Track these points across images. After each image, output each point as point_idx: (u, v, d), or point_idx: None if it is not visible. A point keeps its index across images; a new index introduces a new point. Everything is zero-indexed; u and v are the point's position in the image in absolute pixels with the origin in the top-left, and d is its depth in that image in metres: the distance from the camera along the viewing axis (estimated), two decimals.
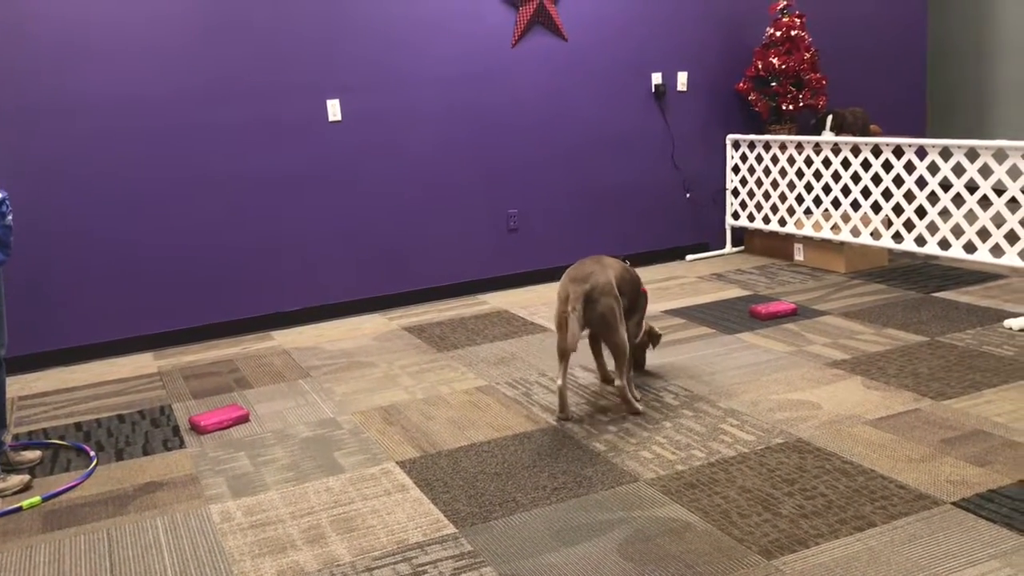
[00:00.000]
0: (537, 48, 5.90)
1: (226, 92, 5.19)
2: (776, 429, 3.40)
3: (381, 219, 5.65)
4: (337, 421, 3.84)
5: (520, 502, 2.97)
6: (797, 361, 4.14)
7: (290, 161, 5.38)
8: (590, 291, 3.55)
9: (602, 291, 3.57)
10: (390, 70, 5.54)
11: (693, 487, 2.99)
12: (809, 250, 5.98)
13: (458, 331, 5.08)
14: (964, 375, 3.80)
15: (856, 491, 2.87)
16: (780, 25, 6.20)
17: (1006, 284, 5.16)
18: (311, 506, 3.07)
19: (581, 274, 3.61)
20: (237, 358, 4.91)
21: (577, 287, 3.56)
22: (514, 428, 3.61)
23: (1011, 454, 3.04)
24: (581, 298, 3.54)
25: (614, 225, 6.30)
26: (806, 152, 5.87)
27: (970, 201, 4.94)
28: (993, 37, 7.94)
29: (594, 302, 3.56)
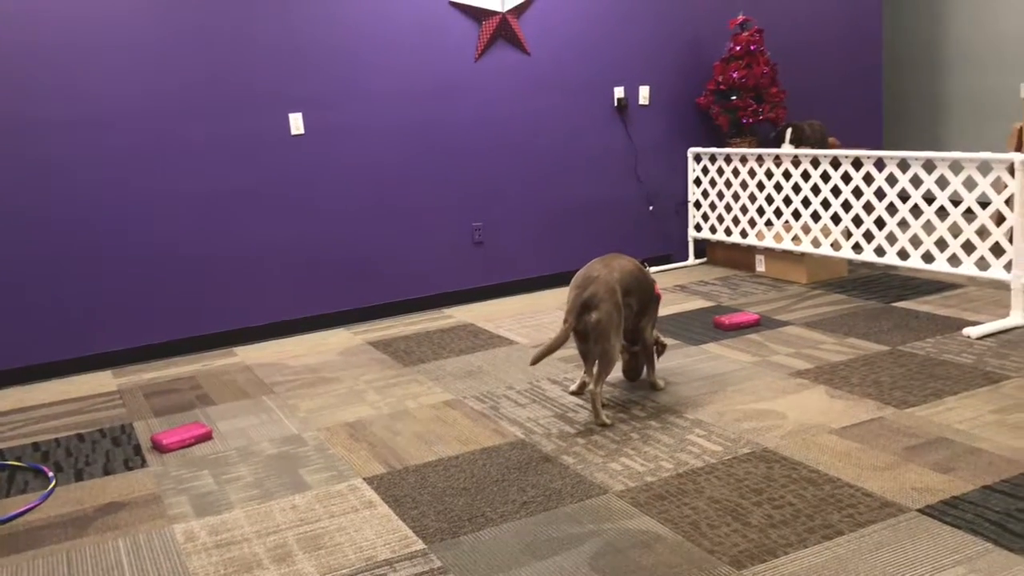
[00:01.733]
0: (500, 62, 5.92)
1: (187, 106, 5.13)
2: (743, 439, 3.41)
3: (345, 233, 5.62)
4: (302, 438, 3.80)
5: (489, 517, 2.96)
6: (761, 371, 4.17)
7: (252, 174, 5.33)
8: (588, 299, 3.62)
9: (601, 298, 3.61)
10: (353, 83, 5.52)
11: (662, 498, 2.99)
12: (770, 261, 6.04)
13: (424, 345, 5.05)
14: (925, 383, 3.85)
15: (823, 500, 2.89)
16: (740, 40, 6.28)
17: (964, 293, 5.25)
18: (277, 524, 3.02)
19: (585, 280, 3.68)
20: (199, 375, 4.84)
21: (578, 295, 3.64)
22: (482, 442, 3.59)
23: (973, 460, 3.08)
24: (576, 309, 3.61)
25: (578, 237, 6.32)
26: (766, 165, 5.94)
27: (928, 212, 5.02)
28: (946, 49, 8.10)
29: (591, 309, 3.60)
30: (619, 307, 3.68)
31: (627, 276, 3.79)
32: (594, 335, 3.65)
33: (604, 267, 3.74)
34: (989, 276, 4.74)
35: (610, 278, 3.69)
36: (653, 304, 3.99)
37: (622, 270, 3.78)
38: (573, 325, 3.66)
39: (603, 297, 3.62)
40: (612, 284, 3.67)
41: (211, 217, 5.27)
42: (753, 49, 6.25)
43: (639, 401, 3.92)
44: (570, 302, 3.68)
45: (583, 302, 3.63)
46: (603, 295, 3.63)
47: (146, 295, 5.16)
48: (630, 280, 3.80)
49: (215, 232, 5.29)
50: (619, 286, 3.71)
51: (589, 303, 3.62)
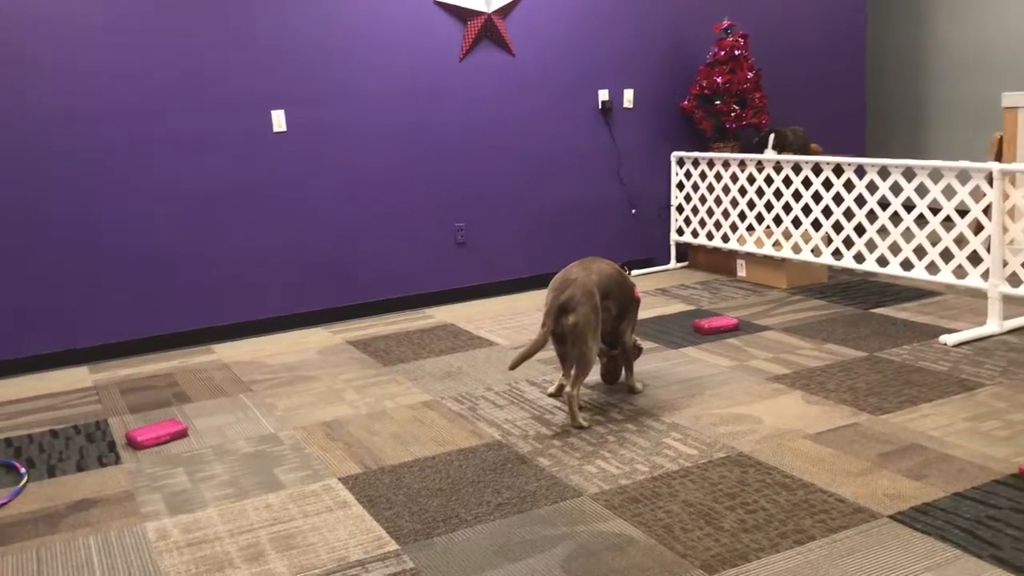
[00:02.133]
0: (485, 63, 5.92)
1: (168, 102, 5.10)
2: (718, 443, 3.42)
3: (326, 231, 5.60)
4: (278, 436, 3.78)
5: (464, 518, 2.95)
6: (739, 376, 4.18)
7: (234, 172, 5.31)
8: (566, 301, 3.62)
9: (579, 300, 3.62)
10: (337, 81, 5.50)
11: (636, 501, 2.99)
12: (751, 266, 6.06)
13: (403, 345, 5.05)
14: (901, 390, 3.87)
15: (796, 505, 2.90)
16: (724, 44, 6.30)
17: (942, 300, 5.29)
18: (250, 523, 3.01)
19: (563, 283, 3.69)
20: (176, 372, 4.81)
21: (556, 298, 3.64)
22: (459, 443, 3.59)
23: (945, 467, 3.10)
24: (554, 311, 3.63)
25: (561, 239, 6.32)
26: (748, 170, 5.96)
27: (907, 219, 5.05)
28: (930, 57, 8.16)
29: (569, 312, 3.61)
30: (597, 310, 3.68)
31: (606, 279, 3.80)
32: (571, 338, 3.65)
33: (583, 270, 3.75)
34: (967, 284, 4.77)
35: (588, 281, 3.69)
36: (633, 308, 3.99)
37: (600, 273, 3.79)
38: (551, 328, 3.66)
39: (581, 300, 3.63)
40: (590, 287, 3.68)
41: (192, 215, 5.24)
42: (737, 54, 6.27)
43: (616, 404, 3.92)
44: (548, 305, 3.69)
45: (560, 304, 3.64)
46: (581, 298, 3.63)
47: (125, 291, 5.13)
48: (609, 283, 3.80)
49: (196, 229, 5.26)
50: (597, 289, 3.71)
51: (566, 306, 3.63)
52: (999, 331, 4.58)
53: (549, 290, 3.74)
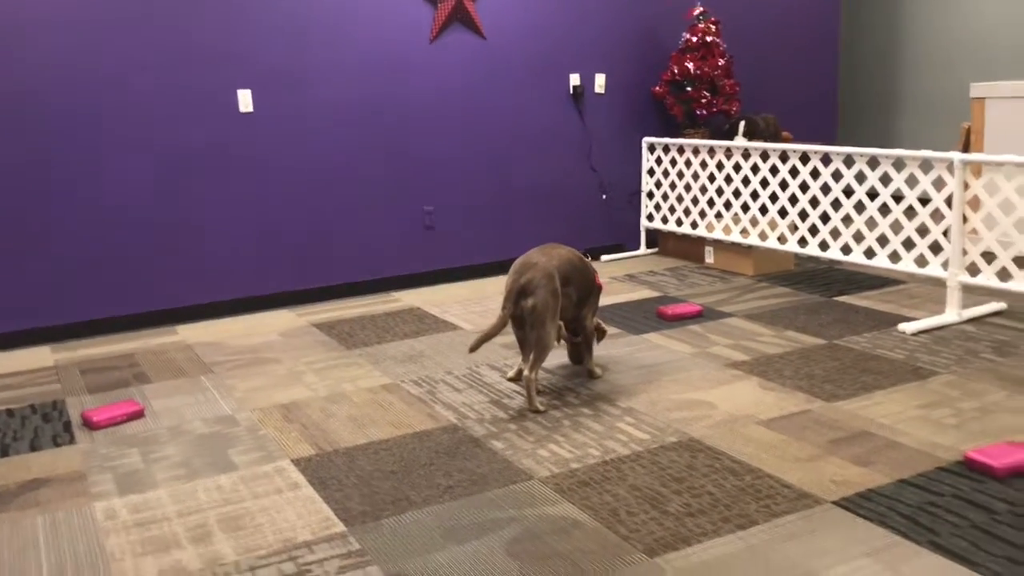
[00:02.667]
0: (455, 45, 5.89)
1: (131, 79, 5.06)
2: (671, 428, 3.45)
3: (293, 213, 5.58)
4: (235, 418, 3.78)
5: (413, 500, 2.96)
6: (698, 362, 4.21)
7: (199, 151, 5.28)
8: (525, 284, 3.64)
9: (538, 284, 3.64)
10: (306, 62, 5.47)
11: (585, 485, 3.01)
12: (719, 253, 6.08)
13: (368, 328, 5.04)
14: (857, 377, 3.90)
15: (742, 490, 2.92)
16: (696, 31, 6.30)
17: (905, 289, 5.33)
18: (199, 504, 3.01)
19: (523, 266, 3.71)
20: (138, 352, 4.79)
21: (515, 281, 3.66)
22: (415, 426, 3.60)
23: (892, 454, 3.13)
24: (513, 295, 3.64)
25: (531, 224, 6.32)
26: (718, 156, 5.97)
27: (871, 208, 5.08)
28: (903, 49, 8.19)
29: (528, 295, 3.63)
30: (556, 294, 3.69)
31: (566, 265, 3.81)
32: (530, 321, 3.67)
33: (543, 255, 3.77)
34: (927, 273, 4.81)
35: (549, 266, 3.71)
36: (594, 294, 4.01)
37: (561, 259, 3.80)
38: (511, 311, 3.67)
39: (540, 283, 3.64)
40: (550, 271, 3.69)
41: (157, 195, 5.21)
42: (709, 41, 6.27)
43: (574, 388, 3.94)
44: (507, 288, 3.70)
45: (520, 288, 3.65)
46: (540, 281, 3.65)
47: (88, 271, 5.10)
48: (569, 269, 3.82)
49: (161, 210, 5.23)
50: (558, 274, 3.73)
51: (526, 289, 3.65)
52: (957, 320, 4.62)
53: (509, 274, 3.75)
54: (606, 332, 4.21)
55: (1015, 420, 3.38)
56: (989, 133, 5.99)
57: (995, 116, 5.94)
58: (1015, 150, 5.77)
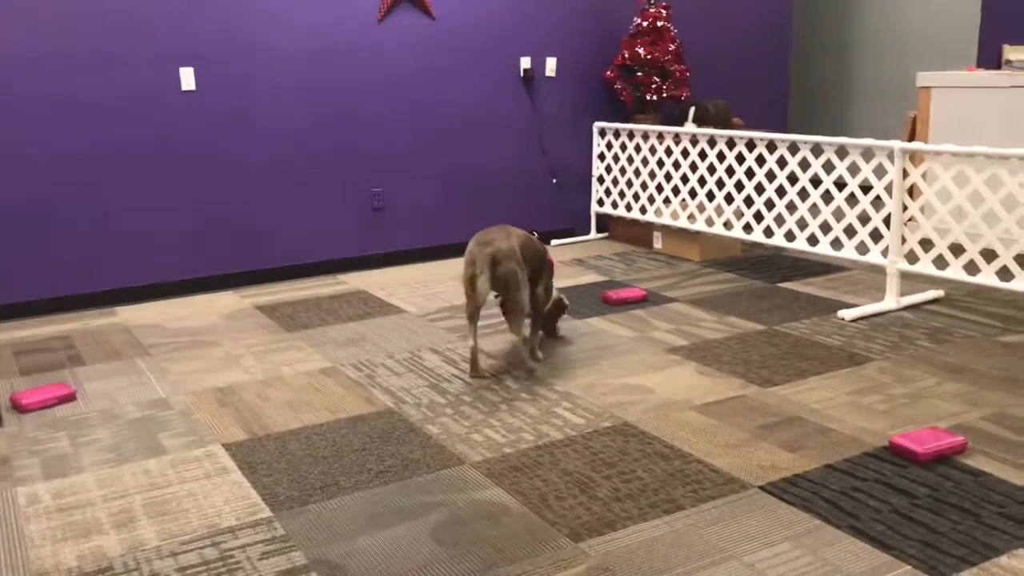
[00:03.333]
0: (404, 25, 5.83)
1: (69, 57, 4.94)
2: (606, 413, 3.46)
3: (238, 194, 5.50)
4: (168, 402, 3.73)
5: (342, 485, 2.94)
6: (638, 346, 4.22)
7: (141, 130, 5.18)
8: (494, 254, 3.73)
9: (505, 255, 3.75)
10: (249, 40, 5.38)
11: (517, 470, 3.01)
12: (667, 238, 6.11)
13: (311, 311, 5.00)
14: (792, 363, 3.94)
15: (671, 475, 2.94)
16: (647, 15, 6.29)
17: (848, 276, 5.39)
18: (125, 489, 2.97)
19: (486, 239, 3.81)
20: (74, 334, 4.71)
21: (482, 251, 3.74)
22: (350, 411, 3.57)
23: (822, 440, 3.17)
24: (487, 261, 3.71)
25: (481, 207, 6.30)
26: (667, 142, 5.98)
27: (814, 195, 5.12)
28: (853, 37, 8.25)
29: (497, 264, 3.73)
30: (521, 266, 3.81)
31: (523, 241, 3.93)
32: (504, 286, 3.77)
33: (501, 231, 3.89)
34: (868, 260, 4.86)
35: (510, 241, 3.83)
36: (546, 271, 4.10)
37: (518, 236, 3.93)
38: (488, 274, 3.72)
39: (507, 255, 3.76)
40: (512, 245, 3.81)
41: (98, 173, 5.11)
42: (660, 25, 6.27)
43: (514, 373, 3.93)
44: (477, 257, 3.74)
45: (491, 258, 3.72)
46: (506, 252, 3.76)
47: (26, 250, 4.99)
48: (524, 247, 3.92)
49: (102, 188, 5.13)
50: (518, 248, 3.84)
51: (496, 257, 3.74)
52: (896, 307, 4.68)
53: (475, 245, 3.80)
54: (567, 306, 4.35)
55: (943, 406, 3.43)
56: (935, 122, 6.06)
57: (941, 105, 6.01)
58: (960, 139, 5.85)
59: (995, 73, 5.87)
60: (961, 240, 4.42)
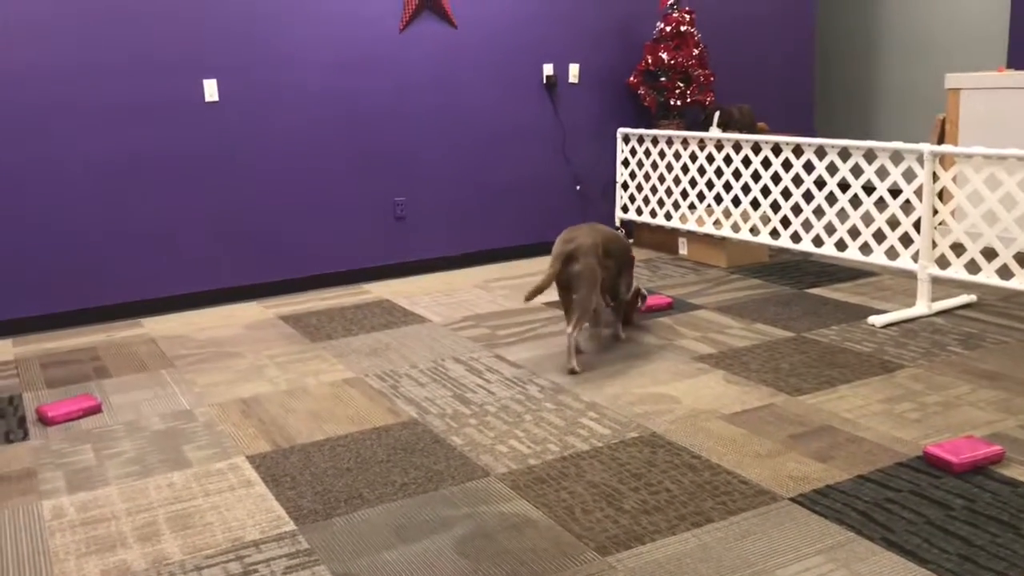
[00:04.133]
0: (426, 34, 5.82)
1: (98, 67, 4.97)
2: (633, 423, 3.41)
3: (262, 204, 5.51)
4: (193, 413, 3.72)
5: (366, 498, 2.92)
6: (665, 354, 4.17)
7: (165, 141, 5.20)
8: (573, 251, 3.97)
9: (584, 252, 3.98)
10: (273, 50, 5.39)
11: (542, 482, 2.97)
12: (693, 245, 6.05)
13: (335, 321, 4.99)
14: (822, 371, 3.88)
15: (700, 486, 2.89)
16: (670, 20, 6.24)
17: (877, 281, 5.30)
18: (150, 502, 2.96)
19: (570, 236, 4.06)
20: (100, 346, 4.72)
21: (562, 247, 4.00)
22: (374, 422, 3.55)
23: (853, 449, 3.11)
24: (562, 256, 3.96)
25: (504, 215, 6.27)
26: (691, 147, 5.93)
27: (842, 200, 5.05)
28: (878, 40, 8.16)
29: (574, 260, 3.96)
30: (598, 264, 4.02)
31: (609, 238, 4.20)
32: (575, 284, 3.99)
33: (589, 228, 4.14)
34: (898, 266, 4.78)
35: (594, 238, 4.06)
36: (629, 265, 4.41)
37: (604, 234, 4.19)
38: (558, 270, 3.96)
39: (586, 252, 3.98)
40: (594, 242, 4.04)
41: (124, 184, 5.13)
42: (683, 31, 6.22)
43: (540, 383, 3.90)
44: (555, 253, 4.00)
45: (567, 253, 3.97)
46: (586, 250, 3.99)
47: (52, 263, 5.02)
48: (610, 243, 4.19)
49: (128, 199, 5.15)
50: (601, 246, 4.08)
51: (573, 255, 3.97)
52: (927, 313, 4.60)
53: (557, 242, 4.05)
54: (645, 296, 4.59)
55: (977, 414, 3.36)
56: (964, 124, 5.96)
57: (970, 107, 5.92)
58: (990, 141, 5.75)
59: None
60: (993, 244, 4.34)
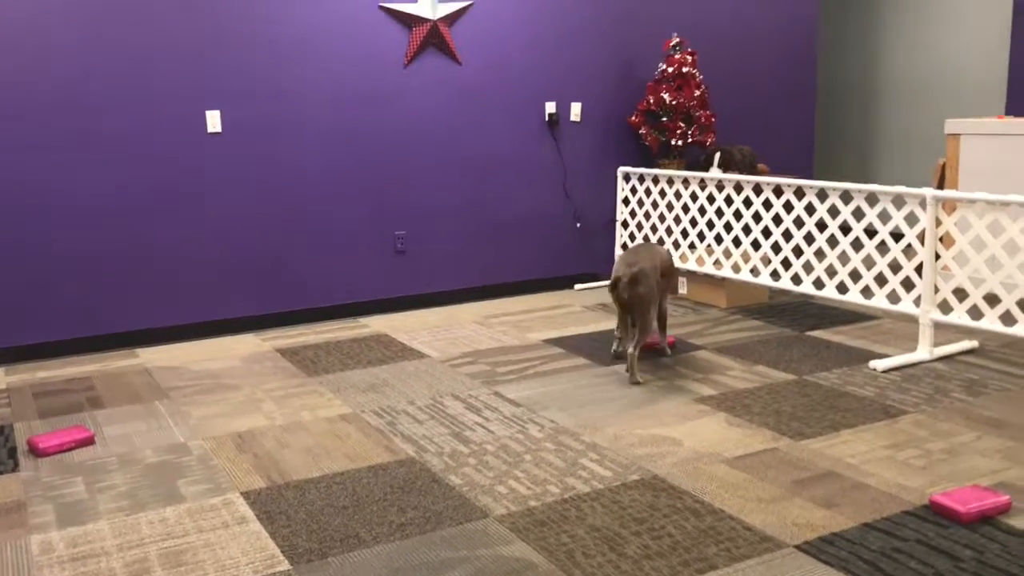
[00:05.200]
0: (430, 70, 5.84)
1: (99, 98, 4.97)
2: (634, 465, 3.36)
3: (261, 236, 5.49)
4: (187, 446, 3.67)
5: (363, 538, 2.86)
6: (666, 395, 4.13)
7: (165, 171, 5.18)
8: (637, 274, 4.29)
9: (646, 274, 4.32)
10: (276, 84, 5.40)
11: (543, 524, 2.92)
12: (693, 284, 6.03)
13: (333, 354, 4.94)
14: (825, 415, 3.84)
15: (703, 532, 2.84)
16: (672, 61, 6.28)
17: (878, 325, 5.28)
18: (141, 538, 2.90)
19: (633, 259, 4.40)
20: (95, 376, 4.67)
21: (628, 270, 4.32)
22: (371, 459, 3.49)
23: (858, 496, 3.06)
24: (627, 278, 4.29)
25: (504, 251, 6.25)
26: (692, 187, 5.93)
27: (843, 243, 5.04)
28: (880, 84, 8.21)
29: (637, 284, 4.30)
30: (658, 286, 4.41)
31: (664, 260, 4.59)
32: (638, 306, 4.32)
33: (647, 250, 4.51)
34: (899, 310, 4.76)
35: (654, 260, 4.43)
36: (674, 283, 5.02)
37: (661, 255, 4.57)
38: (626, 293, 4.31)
39: (648, 274, 4.33)
40: (655, 265, 4.41)
41: (121, 214, 5.11)
42: (685, 71, 6.25)
43: (539, 422, 3.85)
44: (620, 273, 4.32)
45: (633, 276, 4.29)
46: (648, 272, 4.34)
47: (47, 292, 4.98)
48: (666, 264, 4.60)
49: (125, 229, 5.13)
50: (659, 269, 4.45)
51: (637, 277, 4.29)
52: (928, 358, 4.57)
53: (620, 264, 4.40)
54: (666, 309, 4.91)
55: (983, 462, 3.32)
56: (964, 170, 5.98)
57: (970, 152, 5.94)
58: (989, 187, 5.77)
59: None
60: (996, 290, 4.32)
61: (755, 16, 6.95)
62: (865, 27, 8.28)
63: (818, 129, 8.66)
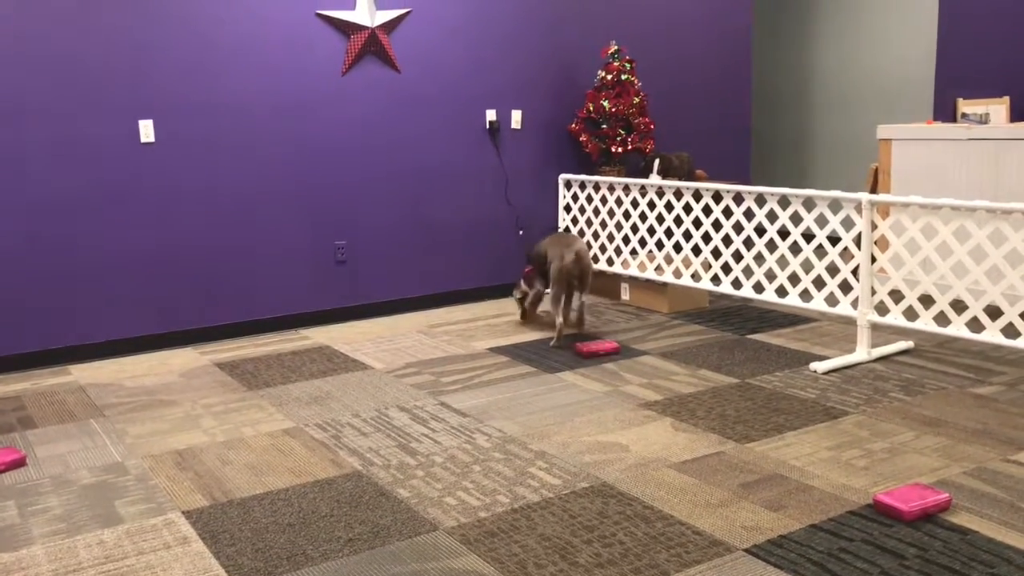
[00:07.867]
0: (369, 78, 5.79)
1: (24, 104, 4.81)
2: (583, 473, 3.36)
3: (198, 248, 5.37)
4: (125, 466, 3.56)
5: (310, 556, 2.80)
6: (612, 401, 4.14)
7: (95, 182, 5.04)
8: (580, 250, 5.12)
9: (585, 251, 5.16)
10: (211, 92, 5.29)
11: (493, 535, 2.89)
12: (635, 290, 6.06)
13: (273, 368, 4.85)
14: (768, 418, 3.88)
15: (653, 538, 2.84)
16: (611, 68, 6.32)
17: (817, 327, 5.37)
18: (79, 562, 2.80)
19: (566, 241, 5.19)
20: (25, 395, 4.52)
21: (571, 247, 5.10)
22: (316, 474, 3.43)
23: (804, 498, 3.10)
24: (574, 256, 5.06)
25: (446, 259, 6.22)
26: (632, 194, 5.97)
27: (782, 247, 5.11)
28: (813, 91, 8.38)
29: (583, 258, 5.11)
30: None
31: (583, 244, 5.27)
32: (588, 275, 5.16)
33: (572, 237, 5.25)
34: (837, 312, 4.85)
35: (581, 242, 5.21)
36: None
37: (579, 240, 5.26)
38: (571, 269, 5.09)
39: (585, 249, 5.18)
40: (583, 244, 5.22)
41: (49, 227, 4.95)
42: (624, 79, 6.30)
43: (487, 431, 3.82)
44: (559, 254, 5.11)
45: (578, 252, 5.08)
46: (584, 248, 5.18)
47: None
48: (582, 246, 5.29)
49: (52, 242, 4.97)
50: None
51: (581, 253, 5.09)
52: (867, 359, 4.66)
53: (552, 245, 5.25)
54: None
55: (923, 461, 3.39)
56: (896, 174, 6.13)
57: (902, 157, 6.09)
58: (921, 190, 5.91)
59: (953, 126, 5.97)
60: (930, 291, 4.43)
61: (691, 24, 7.04)
62: (798, 36, 8.45)
63: (754, 135, 8.80)
